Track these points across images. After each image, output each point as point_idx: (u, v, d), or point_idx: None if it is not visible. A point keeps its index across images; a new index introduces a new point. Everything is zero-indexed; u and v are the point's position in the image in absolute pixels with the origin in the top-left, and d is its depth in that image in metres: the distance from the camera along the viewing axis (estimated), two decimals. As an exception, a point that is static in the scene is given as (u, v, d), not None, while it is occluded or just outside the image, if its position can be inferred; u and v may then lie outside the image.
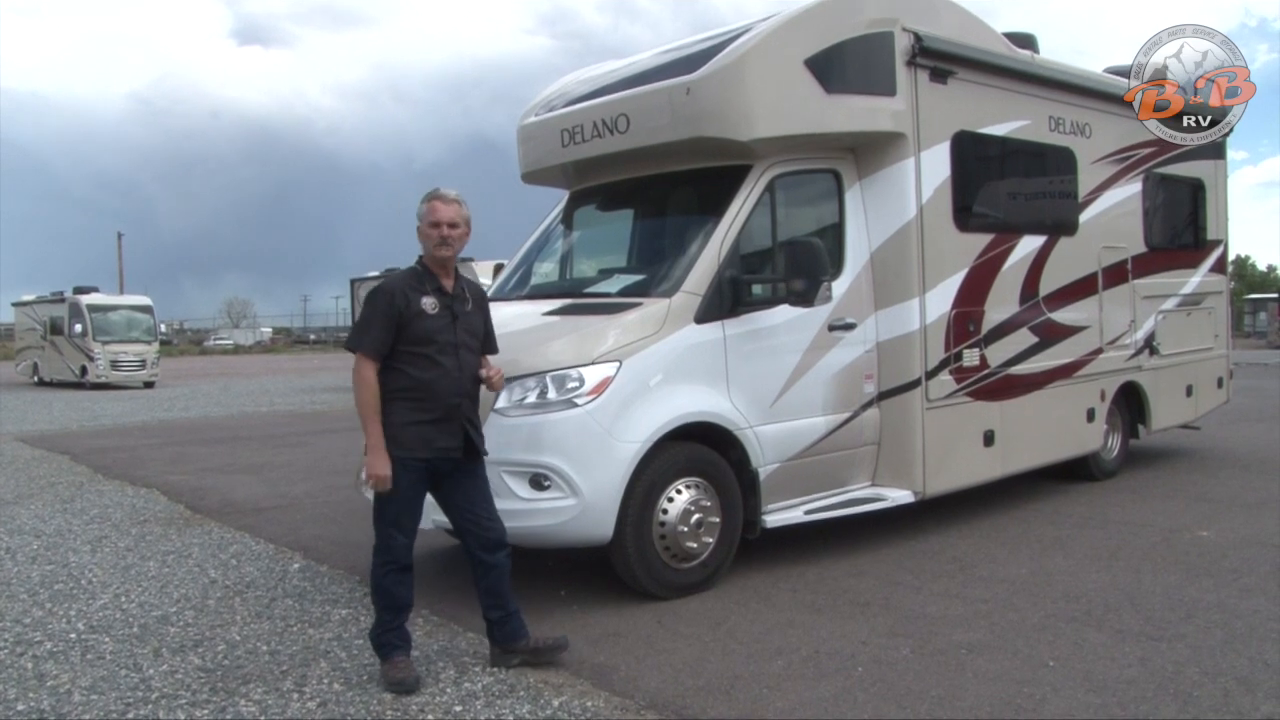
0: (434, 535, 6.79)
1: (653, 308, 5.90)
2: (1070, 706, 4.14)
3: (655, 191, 7.08)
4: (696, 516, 5.83)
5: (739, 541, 6.13)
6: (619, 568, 5.80)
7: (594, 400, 5.55)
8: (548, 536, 5.66)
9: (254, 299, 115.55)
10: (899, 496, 6.83)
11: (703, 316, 5.96)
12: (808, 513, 6.44)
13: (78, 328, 29.96)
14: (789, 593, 5.92)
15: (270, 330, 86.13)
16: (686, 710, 4.28)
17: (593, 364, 5.61)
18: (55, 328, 31.48)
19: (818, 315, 6.44)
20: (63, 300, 31.37)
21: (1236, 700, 4.15)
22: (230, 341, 74.59)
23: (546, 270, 7.28)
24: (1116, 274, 8.76)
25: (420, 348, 4.45)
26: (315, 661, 4.98)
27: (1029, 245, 7.78)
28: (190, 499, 9.80)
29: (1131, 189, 8.98)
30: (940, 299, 6.99)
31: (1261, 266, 76.54)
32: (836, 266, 6.70)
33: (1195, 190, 9.99)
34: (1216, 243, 10.28)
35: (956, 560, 6.50)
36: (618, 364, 5.63)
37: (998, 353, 7.48)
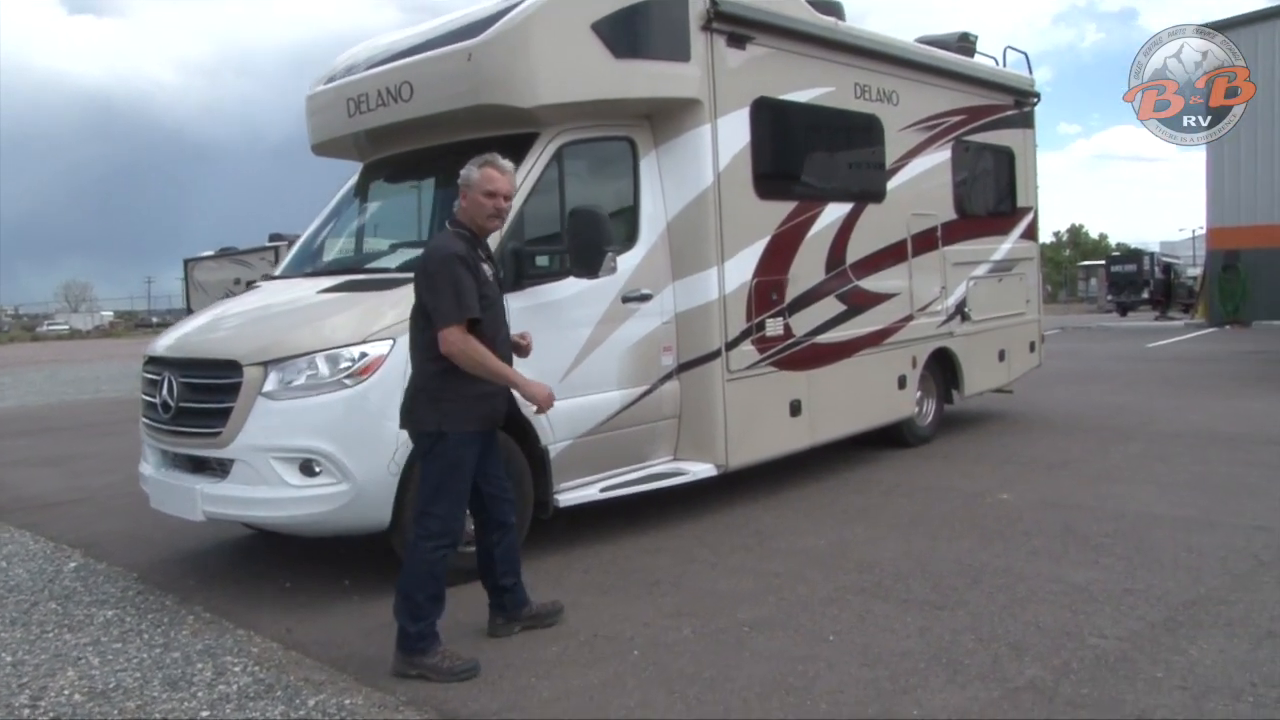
0: (214, 527, 6.44)
1: (427, 282, 5.60)
2: (841, 681, 4.06)
3: (442, 162, 6.71)
4: (481, 498, 5.58)
5: (530, 522, 5.91)
6: (401, 553, 5.51)
7: (365, 380, 5.26)
8: (321, 525, 5.37)
9: (95, 282, 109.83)
10: (700, 470, 6.72)
11: (484, 291, 5.69)
12: (604, 490, 6.27)
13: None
14: (580, 574, 5.75)
15: (111, 314, 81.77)
16: (447, 705, 4.07)
17: (364, 342, 5.31)
18: None
19: (609, 287, 6.25)
20: None
21: (1004, 665, 4.14)
22: (66, 326, 70.67)
23: (334, 246, 6.89)
24: (926, 241, 8.85)
25: (490, 310, 4.33)
26: (62, 670, 4.61)
27: (834, 213, 7.75)
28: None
29: (940, 157, 9.07)
30: (740, 268, 6.88)
31: (1094, 234, 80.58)
32: (630, 236, 6.54)
33: (1005, 158, 10.18)
34: (1026, 210, 10.52)
35: (758, 533, 6.43)
36: (391, 341, 5.33)
37: (803, 321, 7.43)
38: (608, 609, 5.11)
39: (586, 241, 5.70)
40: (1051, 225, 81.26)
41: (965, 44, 9.73)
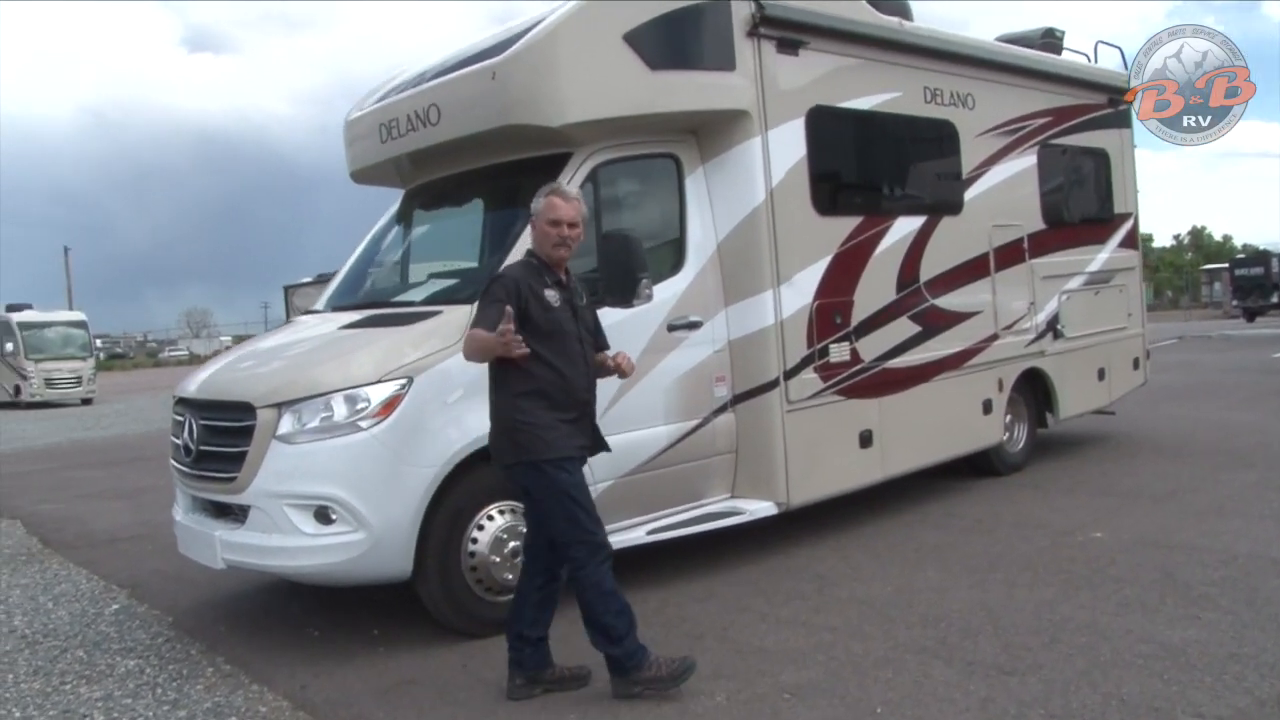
0: (238, 576, 6.24)
1: (450, 316, 5.30)
2: (880, 767, 3.56)
3: (476, 187, 6.48)
4: (513, 544, 5.23)
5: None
6: (427, 604, 5.21)
7: (381, 422, 4.96)
8: (338, 575, 5.08)
9: (214, 308, 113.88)
10: (759, 509, 6.24)
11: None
12: (651, 532, 5.86)
13: (9, 346, 29.08)
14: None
15: (230, 339, 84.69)
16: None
17: (379, 382, 5.02)
18: (-14, 345, 30.58)
19: (653, 315, 5.84)
20: (-11, 317, 30.48)
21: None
22: (186, 352, 73.38)
23: (369, 278, 6.64)
24: (1011, 254, 8.19)
25: (549, 342, 4.19)
26: (62, 729, 4.42)
27: (905, 227, 7.19)
28: (48, 531, 9.27)
29: (1025, 162, 8.40)
30: (799, 290, 6.39)
31: (1217, 236, 76.58)
32: (677, 260, 6.14)
33: (1099, 161, 9.41)
34: (1125, 216, 9.72)
35: (818, 578, 5.92)
36: (408, 381, 5.03)
37: (873, 345, 6.89)
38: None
39: (619, 268, 5.28)
40: (1171, 228, 77.67)
41: (1050, 40, 9.04)
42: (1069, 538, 6.42)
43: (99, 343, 37.66)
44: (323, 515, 4.95)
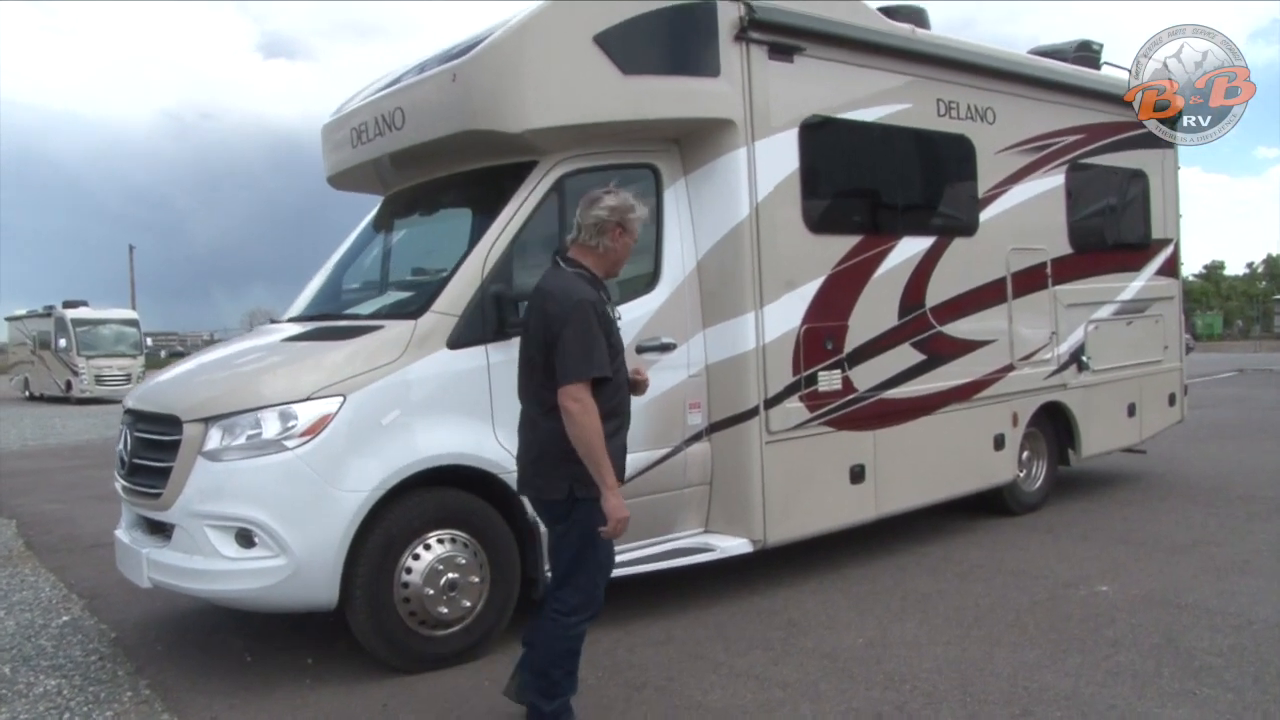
0: (168, 596, 5.94)
1: (392, 332, 4.99)
2: None
3: (440, 196, 6.19)
4: (449, 576, 4.90)
5: (515, 603, 5.19)
6: (358, 636, 4.90)
7: (308, 442, 4.66)
8: (260, 601, 4.79)
9: (278, 308, 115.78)
10: (732, 546, 5.83)
11: (459, 340, 5.04)
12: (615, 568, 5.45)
13: (62, 342, 29.61)
14: (561, 669, 4.95)
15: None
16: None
17: (308, 400, 4.72)
18: (43, 342, 31.18)
19: (624, 334, 5.45)
20: (50, 315, 31.04)
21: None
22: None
23: (334, 287, 6.35)
24: (1032, 279, 7.67)
25: (614, 362, 3.84)
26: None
27: (910, 248, 6.73)
28: (37, 532, 9.21)
29: (1051, 182, 7.87)
30: (785, 313, 5.97)
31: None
32: (651, 277, 5.75)
33: (1136, 183, 8.82)
34: (1164, 242, 9.11)
35: (789, 624, 5.49)
36: (340, 399, 4.72)
37: (868, 374, 6.44)
38: (569, 721, 4.29)
39: None
40: (1246, 255, 75.34)
41: (1086, 54, 8.50)
42: (1071, 591, 5.91)
43: (149, 341, 38.11)
44: (244, 538, 4.67)
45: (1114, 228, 8.60)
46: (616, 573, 5.37)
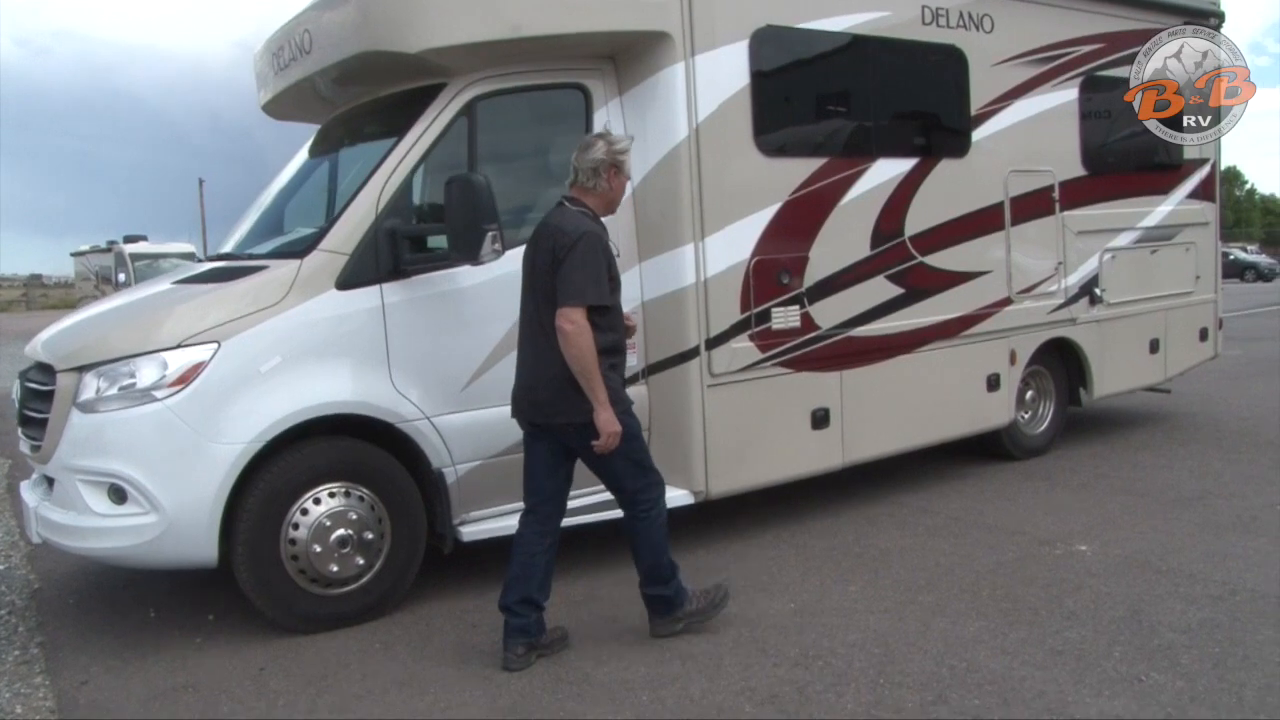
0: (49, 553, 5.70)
1: (275, 273, 4.65)
2: None
3: (357, 125, 5.78)
4: (340, 532, 4.60)
5: (422, 557, 4.90)
6: (246, 594, 4.63)
7: (178, 392, 4.36)
8: (135, 559, 4.56)
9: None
10: (670, 499, 5.38)
11: (349, 280, 4.67)
12: (530, 522, 5.10)
13: (121, 277, 29.97)
14: (449, 633, 4.65)
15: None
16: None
17: (179, 347, 4.39)
18: (105, 277, 31.65)
19: (540, 271, 5.04)
20: (111, 249, 31.46)
21: None
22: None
23: (251, 224, 5.96)
24: (1035, 204, 6.98)
25: (614, 297, 4.10)
26: None
27: (886, 171, 6.11)
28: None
29: (1061, 97, 7.12)
30: (731, 244, 5.46)
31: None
32: (581, 207, 5.25)
33: (1166, 97, 7.97)
34: (1200, 162, 8.24)
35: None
36: (215, 345, 4.40)
37: (833, 310, 5.90)
38: (421, 696, 4.00)
39: (461, 219, 4.59)
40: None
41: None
42: (1046, 550, 5.38)
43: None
44: (116, 493, 4.41)
45: (1137, 147, 7.78)
46: None
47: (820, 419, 5.89)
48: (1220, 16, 8.08)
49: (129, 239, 31.44)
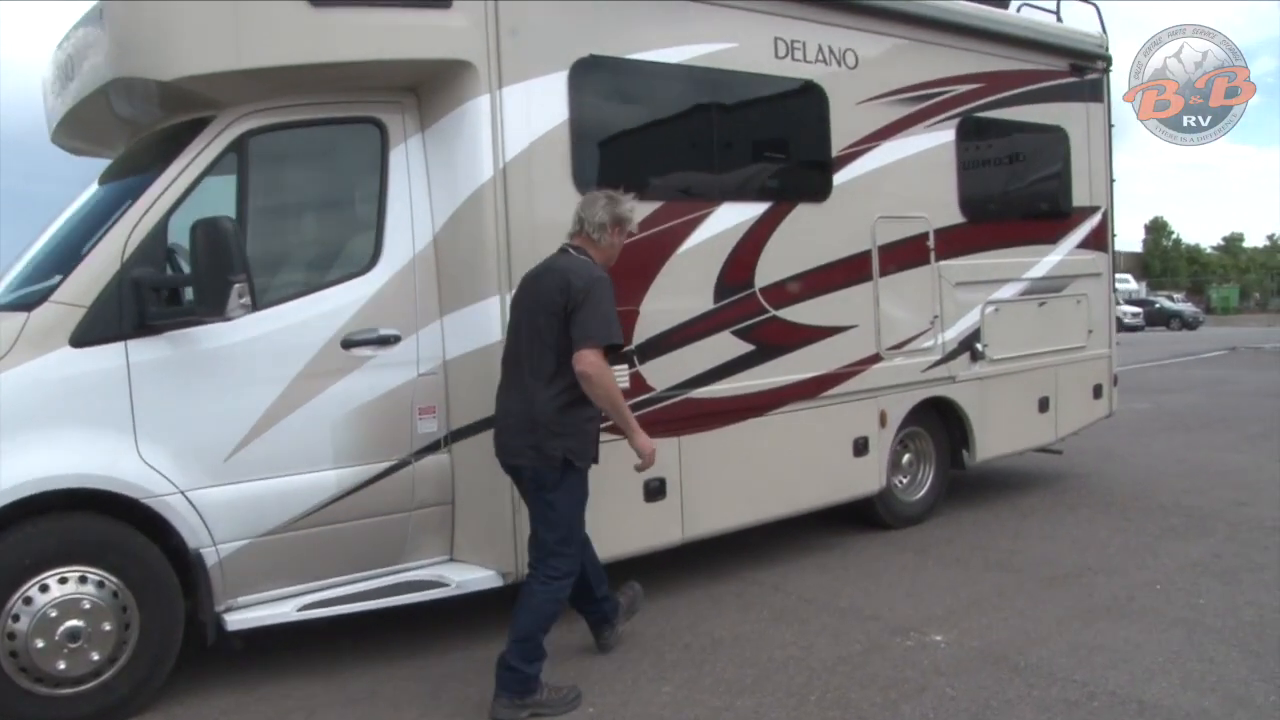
0: None
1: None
2: None
3: (127, 160, 5.16)
4: (71, 624, 3.95)
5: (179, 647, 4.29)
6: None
7: None
8: None
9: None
10: (474, 580, 4.82)
11: (87, 336, 4.08)
12: (304, 609, 4.48)
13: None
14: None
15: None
16: None
17: None
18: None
19: (315, 328, 4.48)
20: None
21: None
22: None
23: (19, 271, 5.30)
24: (907, 254, 6.52)
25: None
26: None
27: (731, 217, 5.61)
28: None
29: (935, 139, 6.68)
30: (545, 297, 4.88)
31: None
32: (372, 256, 4.70)
33: (1052, 142, 7.58)
34: (1090, 210, 7.86)
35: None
36: None
37: (669, 370, 5.35)
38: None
39: (204, 268, 3.98)
40: (1268, 227, 73.61)
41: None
42: (897, 641, 4.82)
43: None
44: None
45: (1021, 193, 7.38)
46: (310, 615, 4.50)
47: (655, 490, 5.32)
48: (1107, 60, 7.75)
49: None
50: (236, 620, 4.34)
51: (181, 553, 4.24)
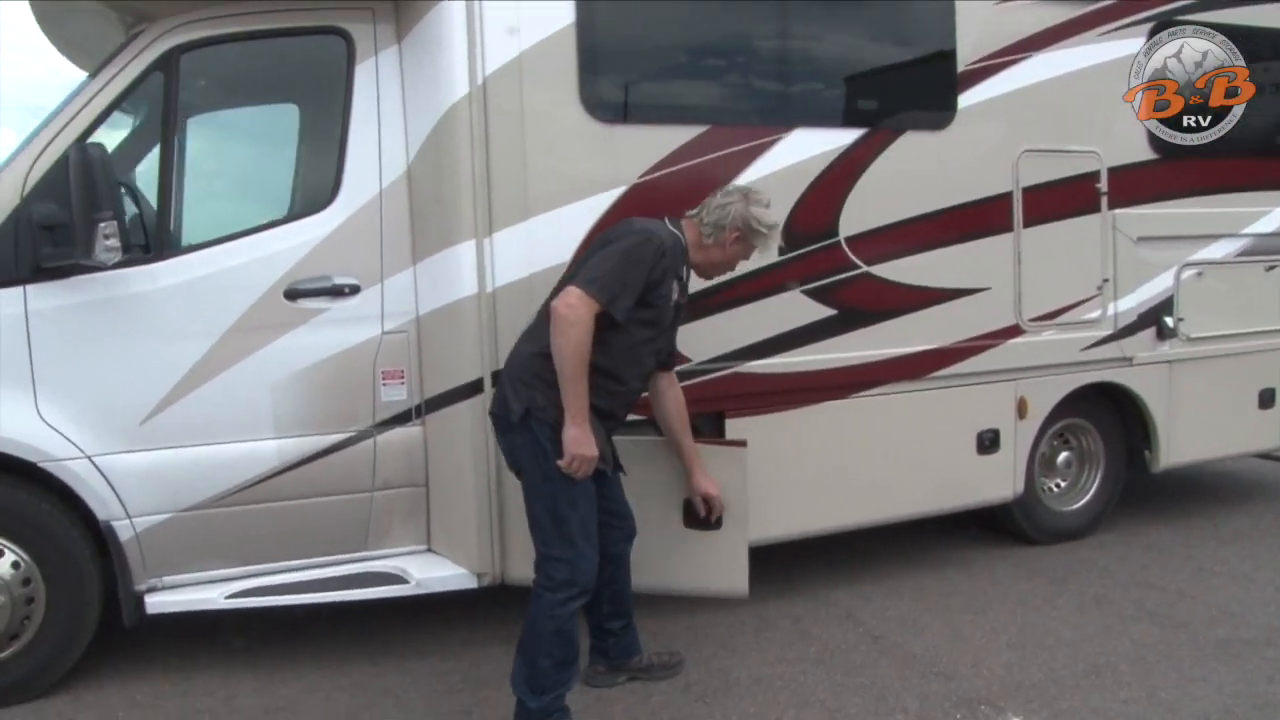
0: None
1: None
2: None
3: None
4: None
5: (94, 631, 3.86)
6: None
7: None
8: None
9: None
10: (439, 579, 4.07)
11: (-20, 279, 3.60)
12: (235, 595, 3.92)
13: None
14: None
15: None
16: None
17: None
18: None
19: (253, 274, 3.85)
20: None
21: None
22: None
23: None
24: (1066, 198, 5.07)
25: (639, 331, 3.39)
26: None
27: (807, 147, 4.44)
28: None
29: (1115, 50, 5.15)
30: (535, 244, 4.00)
31: None
32: (331, 190, 4.00)
33: (1286, 53, 5.75)
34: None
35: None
36: None
37: (713, 335, 4.33)
38: None
39: (74, 204, 3.41)
40: None
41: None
42: (955, 717, 3.63)
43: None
44: None
45: (1241, 123, 5.61)
46: (239, 604, 3.94)
47: (684, 485, 4.32)
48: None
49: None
50: (157, 603, 3.85)
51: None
